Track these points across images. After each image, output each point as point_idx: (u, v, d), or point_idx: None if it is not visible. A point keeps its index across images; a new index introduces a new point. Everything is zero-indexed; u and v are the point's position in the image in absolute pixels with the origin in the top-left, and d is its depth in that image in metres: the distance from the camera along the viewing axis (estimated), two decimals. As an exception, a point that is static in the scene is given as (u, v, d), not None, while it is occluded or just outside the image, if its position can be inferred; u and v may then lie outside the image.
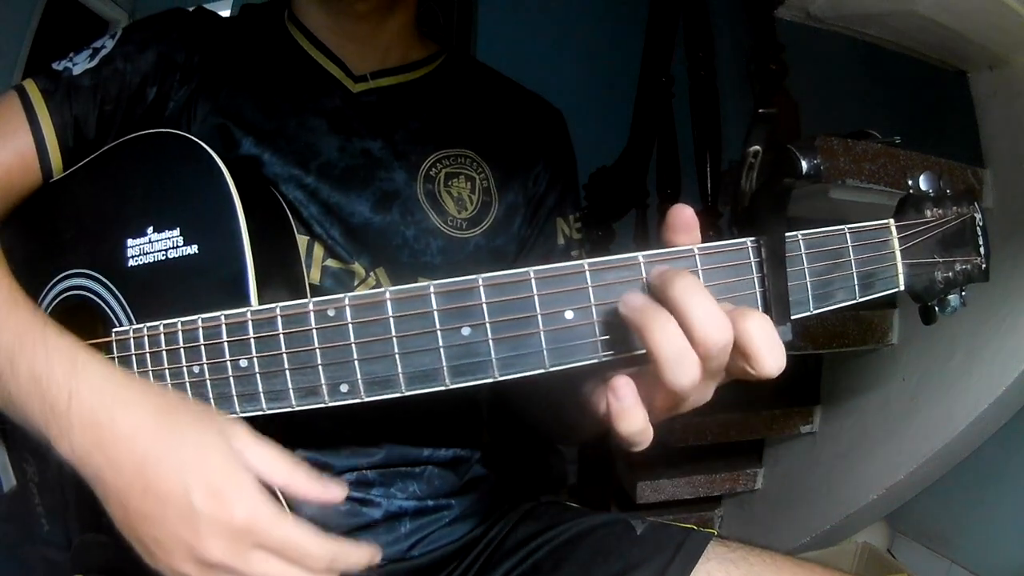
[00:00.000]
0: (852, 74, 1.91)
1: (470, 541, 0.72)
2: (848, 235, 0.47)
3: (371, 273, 0.65)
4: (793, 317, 0.45)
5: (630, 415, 0.41)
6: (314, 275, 0.64)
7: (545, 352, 0.43)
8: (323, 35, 0.70)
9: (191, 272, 0.51)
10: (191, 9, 0.69)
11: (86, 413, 0.43)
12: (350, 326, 0.45)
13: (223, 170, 0.51)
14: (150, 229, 0.52)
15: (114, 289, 0.55)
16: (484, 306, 0.43)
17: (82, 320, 0.56)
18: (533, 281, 0.43)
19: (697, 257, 0.44)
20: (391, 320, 0.44)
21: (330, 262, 0.65)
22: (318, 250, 0.65)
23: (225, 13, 0.74)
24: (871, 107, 1.90)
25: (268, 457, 0.44)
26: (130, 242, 0.53)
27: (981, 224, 0.51)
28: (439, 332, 0.44)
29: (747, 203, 0.49)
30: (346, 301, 0.45)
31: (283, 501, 0.45)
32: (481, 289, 0.43)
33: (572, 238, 0.76)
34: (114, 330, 0.53)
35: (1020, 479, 1.34)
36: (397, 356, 0.44)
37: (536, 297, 0.43)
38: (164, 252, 0.52)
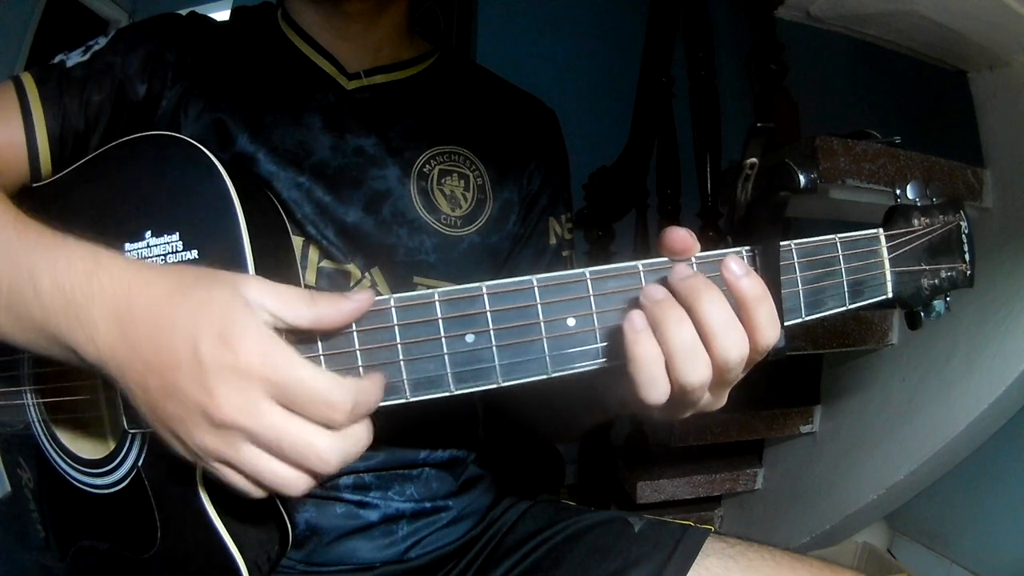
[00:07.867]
0: (852, 74, 1.91)
1: (468, 541, 0.71)
2: (839, 244, 0.50)
3: (366, 274, 0.65)
4: (786, 323, 0.47)
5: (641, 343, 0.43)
6: (309, 277, 0.63)
7: (548, 358, 0.45)
8: (316, 33, 0.70)
9: None
10: (183, 13, 0.70)
11: (109, 302, 0.43)
12: (355, 334, 0.44)
13: (222, 172, 0.49)
14: (148, 233, 0.50)
15: None
16: (488, 314, 0.45)
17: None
18: (536, 289, 0.45)
19: (695, 267, 0.46)
20: (396, 328, 0.44)
21: (325, 263, 0.64)
22: (313, 252, 0.64)
23: (225, 15, 0.75)
24: (871, 107, 1.90)
25: (288, 299, 0.42)
26: (128, 246, 0.51)
27: (967, 232, 0.53)
28: (443, 339, 0.44)
29: (743, 213, 0.53)
30: None
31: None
32: (485, 297, 0.45)
33: (564, 238, 0.76)
34: None
35: (1020, 479, 1.34)
36: (402, 363, 0.45)
37: (539, 305, 0.45)
38: (163, 257, 0.50)
